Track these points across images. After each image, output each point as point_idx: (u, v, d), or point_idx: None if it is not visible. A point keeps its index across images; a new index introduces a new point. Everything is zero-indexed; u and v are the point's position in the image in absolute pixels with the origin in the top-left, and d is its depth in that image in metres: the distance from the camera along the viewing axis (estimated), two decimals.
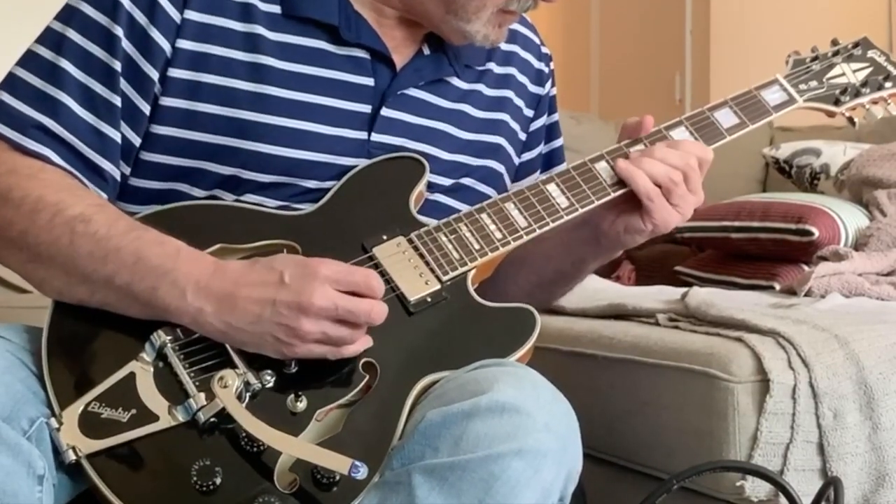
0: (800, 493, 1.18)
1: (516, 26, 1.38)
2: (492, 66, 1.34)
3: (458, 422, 0.98)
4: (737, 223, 2.12)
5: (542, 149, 1.43)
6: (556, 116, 1.45)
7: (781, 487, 1.18)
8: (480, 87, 1.32)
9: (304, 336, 1.02)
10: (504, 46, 1.35)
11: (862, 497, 1.36)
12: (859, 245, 2.01)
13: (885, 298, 1.77)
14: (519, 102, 1.37)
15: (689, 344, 1.47)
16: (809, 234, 1.99)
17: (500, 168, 1.33)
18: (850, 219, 2.06)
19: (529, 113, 1.40)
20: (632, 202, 1.22)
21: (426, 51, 1.28)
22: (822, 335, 1.42)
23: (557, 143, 1.46)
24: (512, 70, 1.37)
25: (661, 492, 1.16)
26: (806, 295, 1.77)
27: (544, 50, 1.43)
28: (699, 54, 4.30)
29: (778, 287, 1.98)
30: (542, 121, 1.42)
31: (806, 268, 1.97)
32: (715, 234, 2.18)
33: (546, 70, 1.42)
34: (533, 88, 1.40)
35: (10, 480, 0.93)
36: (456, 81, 1.30)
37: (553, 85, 1.44)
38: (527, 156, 1.40)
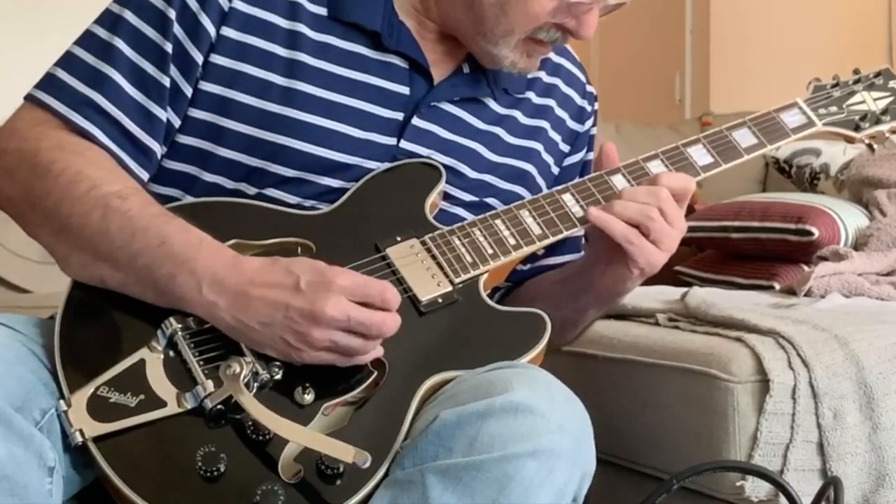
0: (800, 493, 1.18)
1: (562, 61, 1.38)
2: (531, 95, 1.35)
3: (472, 422, 0.98)
4: (737, 223, 2.12)
5: None
6: (591, 155, 1.44)
7: (781, 487, 1.18)
8: (517, 113, 1.33)
9: (313, 343, 1.03)
10: (546, 78, 1.36)
11: (862, 497, 1.36)
12: (859, 245, 2.01)
13: (885, 298, 1.77)
14: (555, 136, 1.37)
15: (689, 344, 1.47)
16: (809, 234, 1.99)
17: (527, 195, 1.32)
18: (850, 219, 2.06)
19: (565, 148, 1.39)
20: (616, 250, 1.20)
21: (466, 69, 1.28)
22: (822, 335, 1.42)
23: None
24: (551, 102, 1.37)
25: (661, 492, 1.16)
26: (806, 295, 1.77)
27: (589, 89, 1.43)
28: (699, 54, 4.30)
29: (778, 287, 1.98)
30: (578, 157, 1.42)
31: (806, 268, 1.97)
32: (715, 234, 2.18)
33: (589, 109, 1.42)
34: (572, 124, 1.39)
35: (22, 471, 0.94)
36: (492, 104, 1.30)
37: (594, 124, 1.43)
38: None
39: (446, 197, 1.25)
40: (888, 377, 1.39)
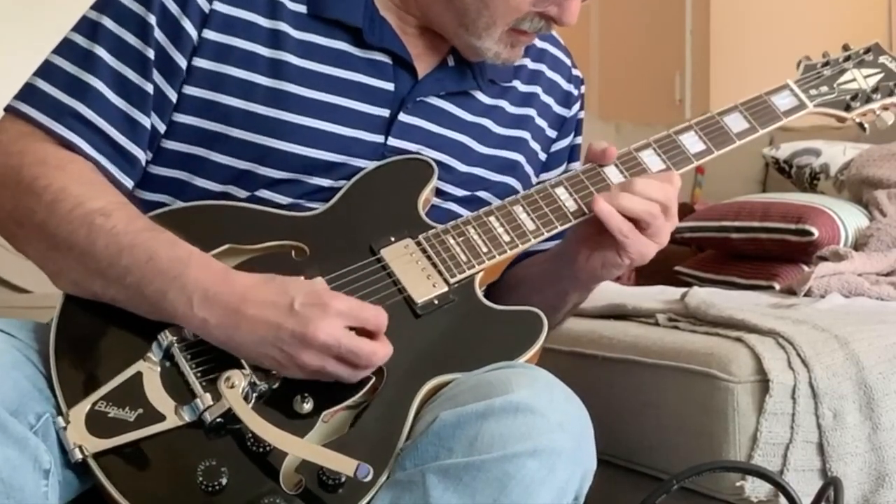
0: (800, 493, 1.17)
1: (546, 46, 1.37)
2: (516, 83, 1.34)
3: (472, 422, 0.98)
4: (737, 223, 2.12)
5: (562, 170, 1.42)
6: (580, 139, 1.44)
7: (781, 487, 1.18)
8: (503, 103, 1.32)
9: (302, 366, 1.02)
10: (530, 65, 1.35)
11: (862, 497, 1.36)
12: (859, 245, 2.01)
13: (885, 298, 1.77)
14: (541, 122, 1.36)
15: (689, 344, 1.47)
16: (809, 234, 1.99)
17: (518, 185, 1.32)
18: (850, 219, 2.06)
19: (552, 133, 1.38)
20: (606, 235, 1.19)
21: (451, 62, 1.27)
22: (822, 335, 1.42)
23: (574, 165, 1.44)
24: (536, 89, 1.36)
25: (661, 492, 1.16)
26: (806, 295, 1.77)
27: (575, 72, 1.42)
28: (699, 54, 4.30)
29: (778, 287, 1.99)
30: (565, 142, 1.41)
31: (806, 268, 1.98)
32: (715, 234, 2.18)
33: (575, 93, 1.41)
34: (558, 109, 1.39)
35: (17, 474, 0.94)
36: (479, 95, 1.29)
37: (582, 108, 1.43)
38: (545, 176, 1.39)
39: (438, 193, 1.24)
40: (888, 377, 1.39)
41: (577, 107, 1.42)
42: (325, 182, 1.19)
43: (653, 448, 1.51)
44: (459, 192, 1.26)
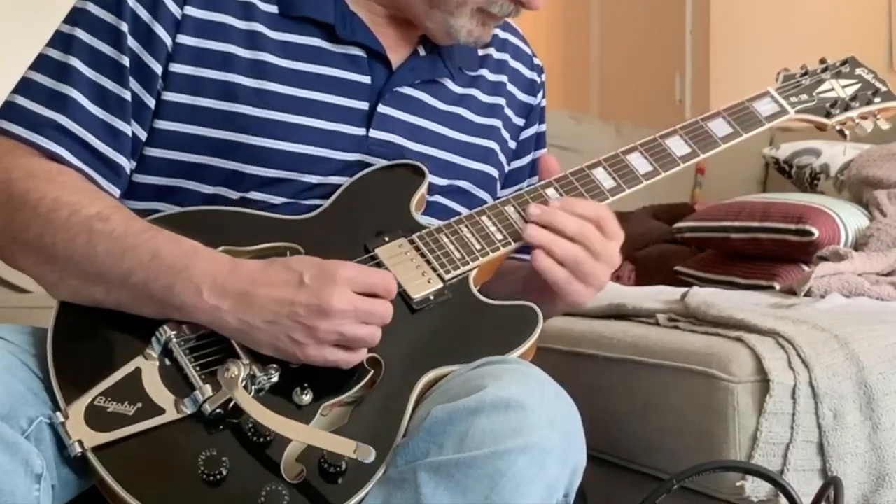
0: (800, 493, 1.18)
1: (507, 36, 1.40)
2: (484, 72, 1.36)
3: (462, 418, 0.99)
4: (737, 223, 2.12)
5: (531, 158, 1.44)
6: (544, 126, 1.47)
7: (781, 487, 1.18)
8: (475, 92, 1.34)
9: (321, 337, 1.03)
10: (496, 55, 1.38)
11: (862, 497, 1.36)
12: (859, 245, 2.01)
13: (885, 298, 1.77)
14: (509, 112, 1.39)
15: (689, 344, 1.47)
16: (809, 234, 1.99)
17: (495, 173, 1.35)
18: (850, 219, 2.06)
19: (520, 122, 1.41)
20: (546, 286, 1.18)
21: (422, 52, 1.30)
22: (822, 335, 1.42)
23: (541, 152, 1.46)
24: (503, 78, 1.39)
25: (661, 492, 1.16)
26: (806, 295, 1.77)
27: (536, 61, 1.45)
28: (699, 54, 4.30)
29: (778, 287, 1.98)
30: (532, 130, 1.44)
31: (806, 268, 1.98)
32: (715, 234, 2.18)
33: (538, 80, 1.44)
34: (523, 97, 1.42)
35: (8, 479, 0.94)
36: (450, 84, 1.32)
37: (544, 96, 1.46)
38: (516, 163, 1.42)
39: None
40: (888, 377, 1.39)
41: (540, 94, 1.45)
42: (313, 179, 1.20)
43: (653, 448, 1.51)
44: (442, 182, 1.28)
